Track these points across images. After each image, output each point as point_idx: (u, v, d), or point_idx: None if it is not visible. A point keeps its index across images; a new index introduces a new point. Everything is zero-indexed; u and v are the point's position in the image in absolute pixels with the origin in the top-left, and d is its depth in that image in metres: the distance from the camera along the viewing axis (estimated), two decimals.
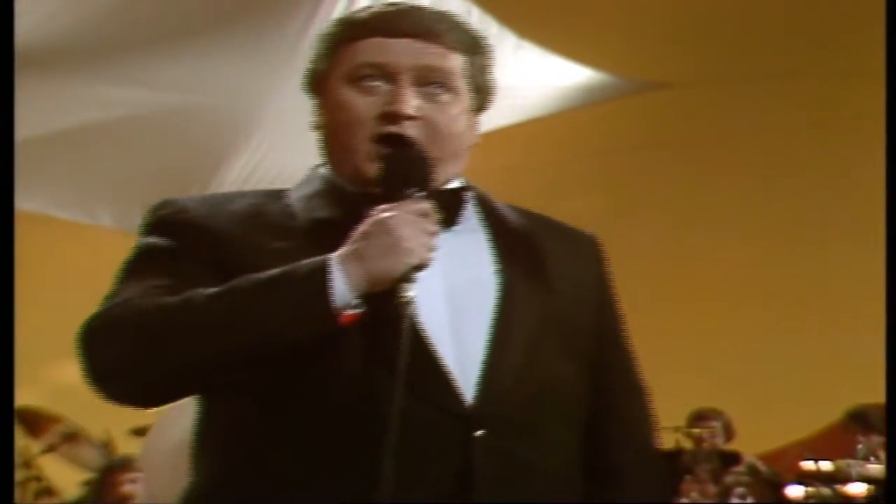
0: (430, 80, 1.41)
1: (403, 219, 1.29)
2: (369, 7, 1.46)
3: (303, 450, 1.30)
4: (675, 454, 5.50)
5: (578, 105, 7.39)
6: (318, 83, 1.48)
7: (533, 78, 6.81)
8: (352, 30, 1.45)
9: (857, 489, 5.26)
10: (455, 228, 1.39)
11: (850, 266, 7.23)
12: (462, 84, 1.44)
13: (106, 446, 5.63)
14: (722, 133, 7.53)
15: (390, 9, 1.45)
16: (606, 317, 1.50)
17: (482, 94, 1.49)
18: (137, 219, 4.87)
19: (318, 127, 1.47)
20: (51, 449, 5.47)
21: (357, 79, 1.40)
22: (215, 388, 1.33)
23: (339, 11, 5.68)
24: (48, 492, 5.71)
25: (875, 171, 6.81)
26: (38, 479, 5.65)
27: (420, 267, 1.28)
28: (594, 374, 1.44)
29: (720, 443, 5.80)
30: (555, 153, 7.64)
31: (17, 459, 5.43)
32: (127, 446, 5.21)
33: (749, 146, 7.53)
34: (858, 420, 5.87)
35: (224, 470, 1.34)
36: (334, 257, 1.28)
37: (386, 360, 1.26)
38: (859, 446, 5.62)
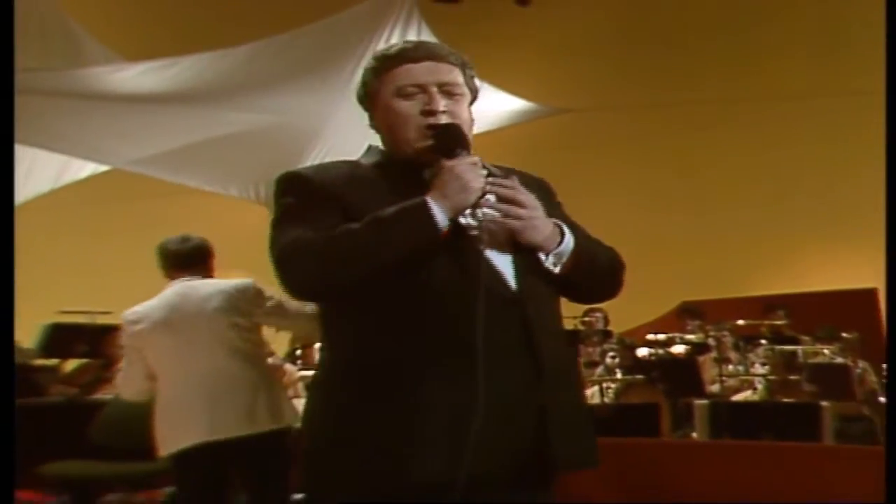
0: (448, 89, 1.69)
1: (465, 167, 1.56)
2: (396, 44, 1.74)
3: (416, 326, 1.54)
4: (576, 332, 6.69)
5: (516, 122, 8.71)
6: (370, 99, 1.75)
7: (488, 105, 7.82)
8: (389, 61, 1.72)
9: (679, 349, 6.72)
10: None
11: (682, 223, 9.00)
12: (464, 88, 1.73)
13: None
14: (604, 140, 9.26)
15: (410, 44, 1.74)
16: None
17: (474, 93, 1.77)
18: (251, 191, 7.99)
19: (375, 127, 1.75)
20: None
21: (403, 94, 1.69)
22: (365, 290, 1.54)
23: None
24: None
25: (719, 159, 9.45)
26: None
27: (481, 197, 1.54)
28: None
29: (601, 326, 7.20)
30: (501, 153, 8.83)
31: None
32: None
33: (621, 149, 9.30)
34: (688, 311, 7.54)
35: (357, 345, 1.59)
36: (428, 197, 1.53)
37: (464, 267, 1.54)
38: (689, 327, 7.18)
